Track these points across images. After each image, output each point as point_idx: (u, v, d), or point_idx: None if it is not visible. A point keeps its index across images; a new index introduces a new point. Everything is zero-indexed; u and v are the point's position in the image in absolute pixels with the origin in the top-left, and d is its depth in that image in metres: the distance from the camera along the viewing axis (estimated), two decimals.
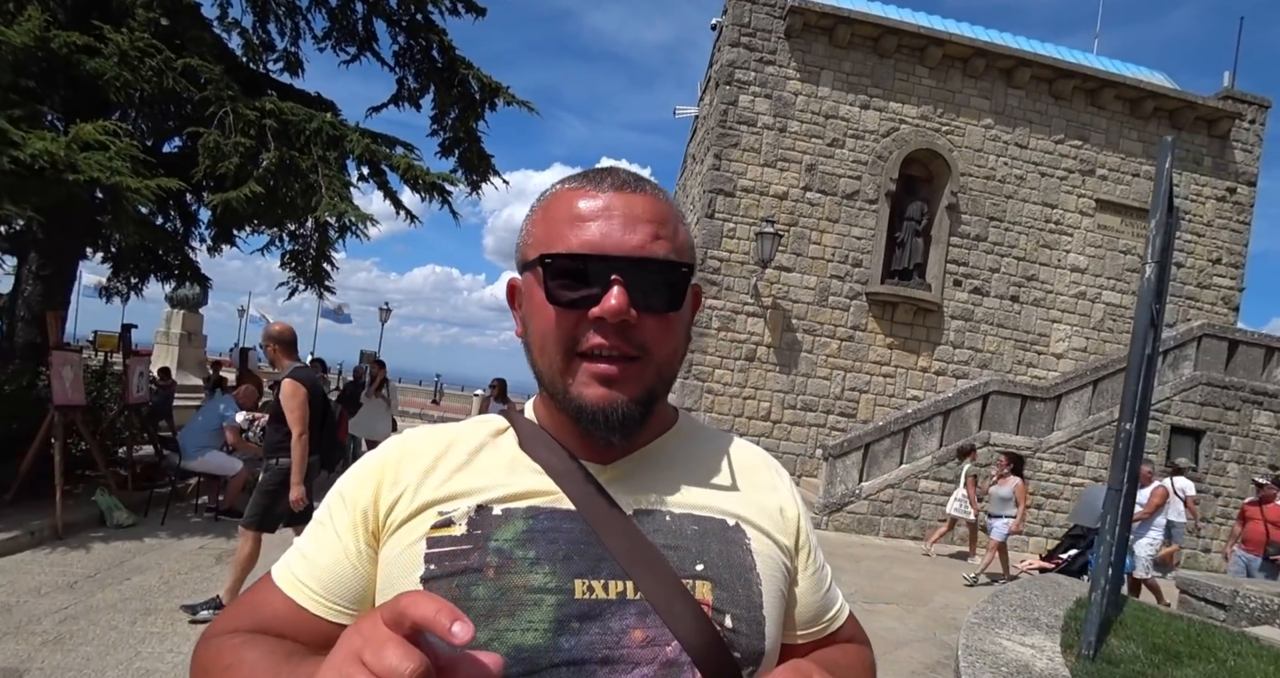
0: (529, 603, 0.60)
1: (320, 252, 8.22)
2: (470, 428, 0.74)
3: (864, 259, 11.47)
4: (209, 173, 6.25)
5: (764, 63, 11.27)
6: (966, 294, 11.81)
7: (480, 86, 7.74)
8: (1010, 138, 11.92)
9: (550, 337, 0.64)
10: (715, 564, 0.66)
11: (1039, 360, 12.05)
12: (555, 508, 0.66)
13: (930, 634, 5.56)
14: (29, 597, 4.26)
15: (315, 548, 0.68)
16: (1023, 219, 11.98)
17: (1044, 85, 11.99)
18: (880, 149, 11.55)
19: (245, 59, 7.32)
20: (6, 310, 7.03)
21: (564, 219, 0.65)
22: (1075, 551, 7.08)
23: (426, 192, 7.29)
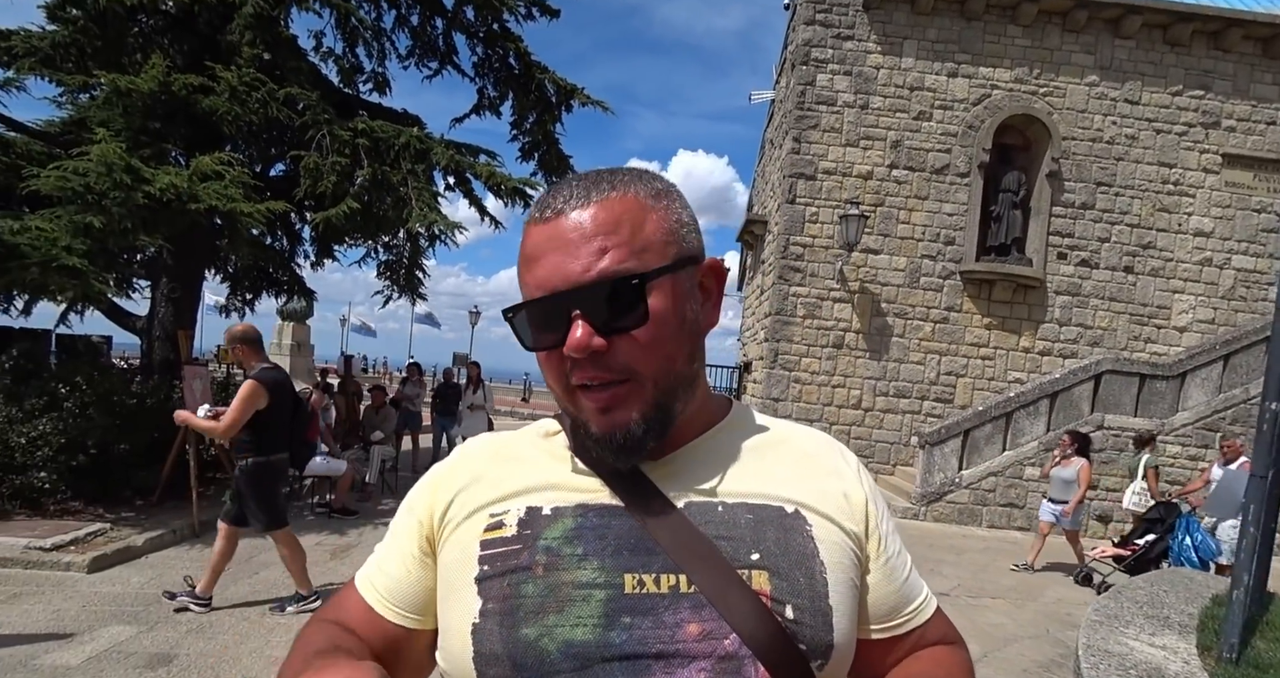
0: (577, 598, 0.60)
1: (413, 260, 8.64)
2: (524, 433, 0.77)
3: (957, 236, 10.92)
4: (309, 193, 6.68)
5: (842, 38, 10.87)
6: (1073, 267, 11.04)
7: (556, 89, 7.90)
8: (1119, 94, 11.00)
9: (548, 376, 0.66)
10: (772, 553, 0.63)
11: (1159, 335, 11.13)
12: (604, 504, 0.66)
13: (1042, 631, 5.29)
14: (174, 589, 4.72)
15: (385, 554, 0.73)
16: (1136, 182, 11.06)
17: (1157, 33, 10.97)
18: (971, 118, 10.93)
19: (338, 83, 7.75)
20: (144, 331, 7.76)
21: (524, 260, 0.65)
22: (1153, 536, 6.45)
23: (509, 196, 7.52)
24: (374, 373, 22.24)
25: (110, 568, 5.06)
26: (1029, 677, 4.30)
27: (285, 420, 4.40)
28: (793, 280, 10.82)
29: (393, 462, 8.43)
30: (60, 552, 5.04)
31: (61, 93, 6.91)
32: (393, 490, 8.15)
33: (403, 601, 0.70)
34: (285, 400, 4.38)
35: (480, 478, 0.70)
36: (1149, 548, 6.42)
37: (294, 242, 9.26)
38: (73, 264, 4.96)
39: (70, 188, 5.04)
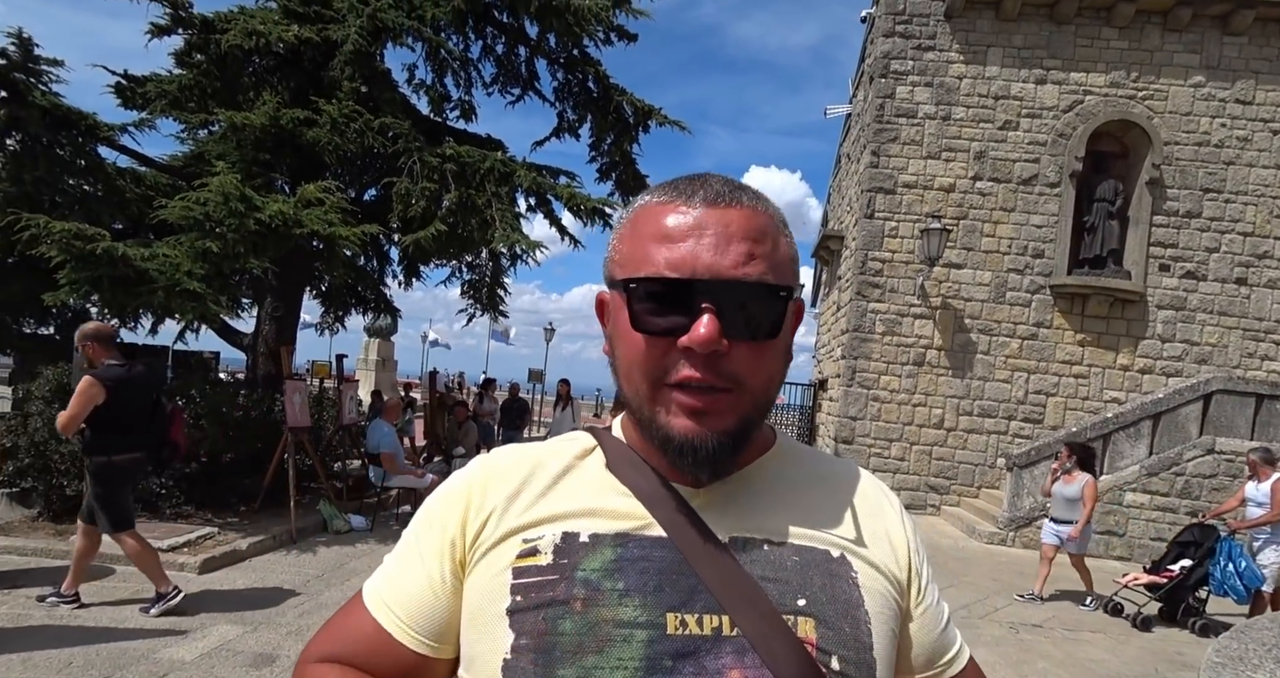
0: (618, 639, 0.56)
1: (495, 279, 8.93)
2: (557, 448, 0.71)
3: (1046, 249, 10.44)
4: (400, 216, 7.03)
5: (922, 49, 10.65)
6: (1177, 280, 10.36)
7: (634, 111, 8.06)
8: (1228, 94, 10.31)
9: (637, 365, 0.60)
10: (818, 599, 0.60)
11: (1277, 352, 10.29)
12: (645, 535, 0.61)
13: (1150, 670, 4.95)
14: (274, 592, 5.02)
15: (401, 570, 0.66)
16: (1249, 187, 10.31)
17: (1272, 27, 10.22)
18: (1061, 126, 10.47)
19: (428, 112, 8.16)
20: (250, 347, 8.31)
21: (651, 237, 0.60)
22: (1188, 561, 5.84)
23: (588, 216, 7.69)
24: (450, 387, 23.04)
25: (218, 569, 5.42)
26: None
27: (138, 420, 4.22)
28: (871, 296, 10.59)
29: None
30: (175, 553, 5.42)
31: (184, 129, 7.56)
32: None
33: (425, 626, 0.64)
34: (135, 399, 4.18)
35: (513, 497, 0.65)
36: (1186, 575, 5.85)
37: (383, 262, 9.73)
38: (193, 287, 5.39)
39: (192, 216, 5.50)
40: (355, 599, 0.68)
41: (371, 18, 6.57)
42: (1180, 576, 5.91)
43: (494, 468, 0.69)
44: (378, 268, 9.77)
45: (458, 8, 6.92)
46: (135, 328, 7.57)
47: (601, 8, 7.16)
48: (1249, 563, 5.68)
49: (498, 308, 9.35)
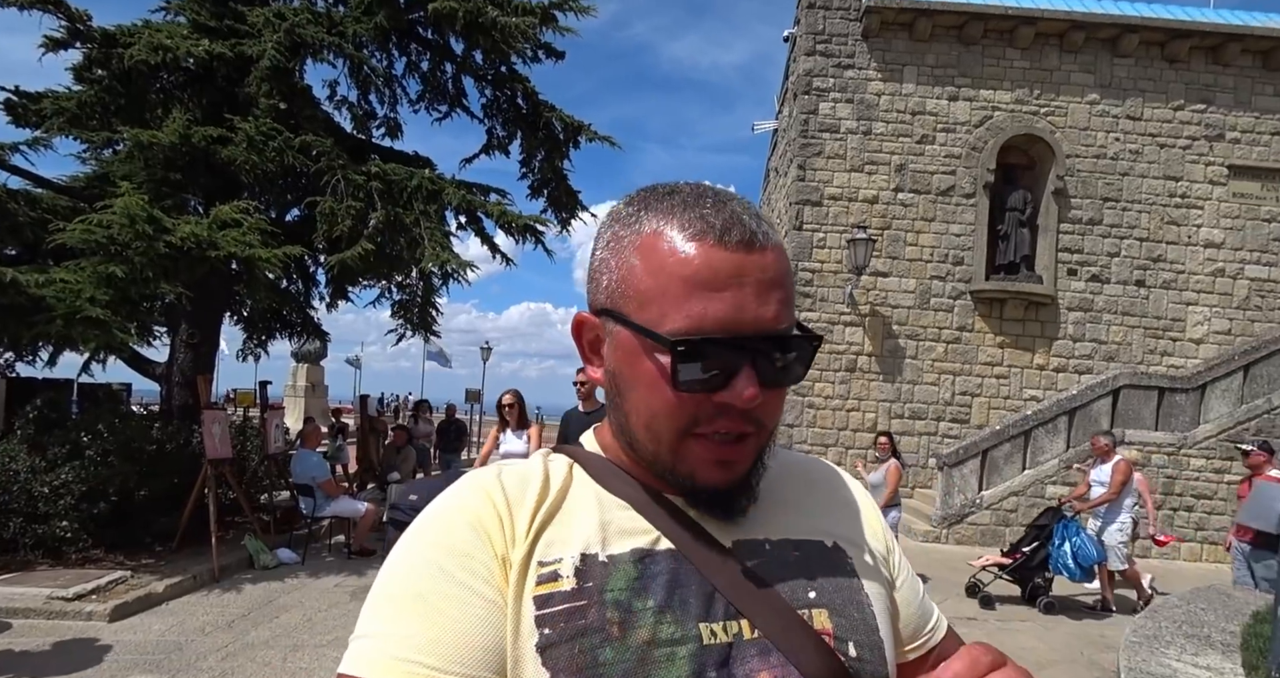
0: (662, 659, 0.54)
1: (426, 299, 8.74)
2: (540, 466, 0.65)
3: (965, 256, 10.95)
4: (325, 236, 6.81)
5: (842, 67, 11.07)
6: (1083, 283, 11.02)
7: (564, 127, 8.06)
8: (1120, 111, 11.10)
9: (664, 416, 0.57)
10: (826, 590, 0.62)
11: (1175, 348, 11.04)
12: (659, 549, 0.60)
13: (1076, 654, 5.18)
14: (195, 636, 4.72)
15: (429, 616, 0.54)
16: (1142, 196, 11.09)
17: (1155, 50, 11.11)
18: (974, 140, 11.04)
19: (351, 129, 7.95)
20: (164, 377, 7.86)
21: (685, 278, 0.55)
22: (1036, 543, 6.27)
23: (520, 234, 7.63)
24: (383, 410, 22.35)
25: (132, 616, 5.06)
26: None
27: None
28: (803, 306, 10.85)
29: None
30: (82, 601, 5.05)
31: (86, 149, 7.14)
32: None
33: (479, 663, 0.53)
34: None
35: (518, 520, 0.59)
36: (1030, 556, 6.25)
37: (309, 284, 9.40)
38: (96, 315, 5.06)
39: (94, 240, 5.17)
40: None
41: (289, 33, 6.38)
42: (1025, 557, 6.28)
43: (500, 486, 0.61)
44: (303, 290, 9.43)
45: (380, 24, 6.79)
46: (32, 360, 7.06)
47: (528, 25, 7.15)
48: (1082, 542, 6.02)
49: (430, 328, 9.14)
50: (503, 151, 8.46)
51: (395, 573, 0.57)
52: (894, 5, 10.78)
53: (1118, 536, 6.34)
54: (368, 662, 0.52)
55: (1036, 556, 6.21)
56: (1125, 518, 6.36)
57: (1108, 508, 6.43)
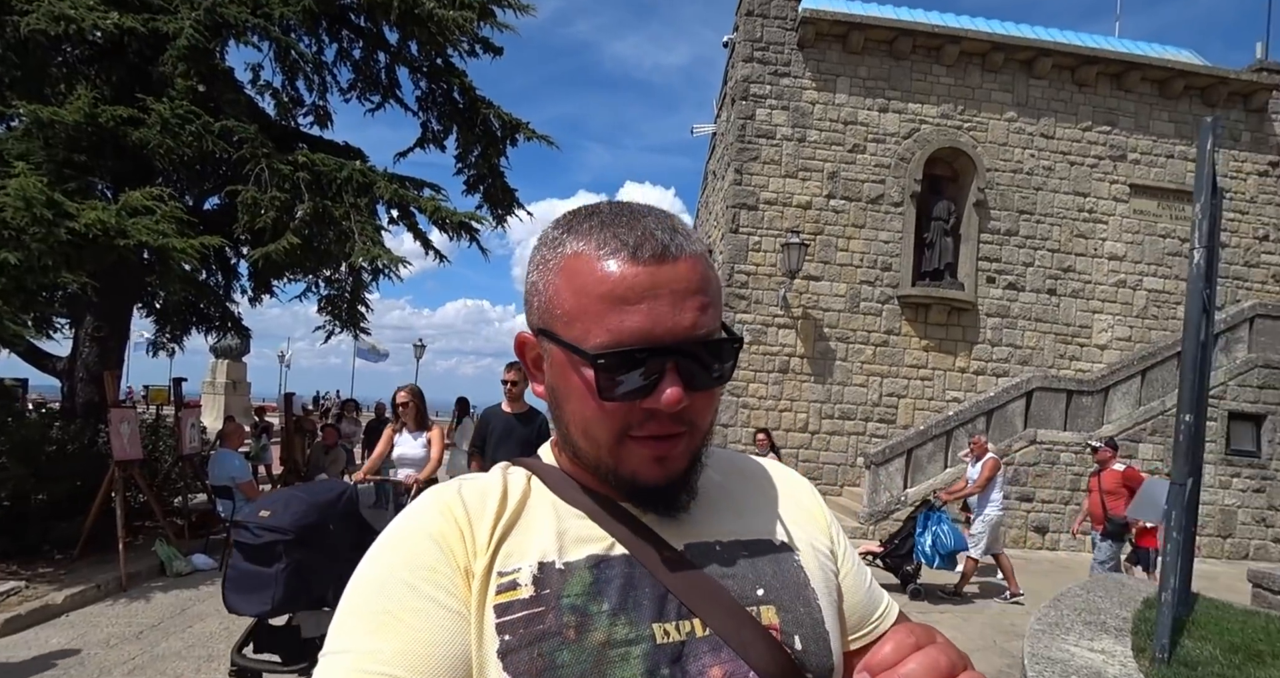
0: (617, 659, 0.57)
1: (355, 295, 8.46)
2: (499, 480, 0.68)
3: (893, 263, 11.37)
4: (248, 227, 6.51)
5: (779, 75, 11.32)
6: (1001, 291, 11.60)
7: (501, 124, 7.94)
8: (1035, 129, 11.75)
9: (598, 424, 0.61)
10: (773, 587, 0.65)
11: (1082, 353, 11.75)
12: (613, 555, 0.63)
13: (990, 642, 5.44)
14: (99, 649, 4.44)
15: (394, 628, 0.56)
16: (1054, 210, 11.77)
17: (1066, 74, 11.82)
18: (902, 151, 11.48)
19: (277, 116, 7.62)
20: (65, 373, 7.35)
21: (601, 298, 0.58)
22: (905, 533, 6.71)
23: (454, 231, 7.48)
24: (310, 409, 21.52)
25: (26, 629, 4.71)
26: None
27: None
28: (738, 307, 11.03)
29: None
30: None
31: None
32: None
33: (447, 672, 0.55)
34: None
35: (478, 532, 0.61)
36: (900, 545, 6.69)
37: (230, 277, 8.97)
38: None
39: None
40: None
41: (210, 11, 6.05)
42: (895, 546, 6.71)
43: (461, 500, 0.63)
44: (223, 283, 8.98)
45: (308, 8, 6.52)
46: None
47: (466, 19, 7.01)
48: (942, 532, 6.42)
49: (359, 325, 8.85)
50: (438, 146, 8.27)
51: (362, 590, 0.59)
52: (828, 17, 11.11)
53: (979, 526, 6.79)
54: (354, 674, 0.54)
55: (905, 545, 6.61)
56: (990, 512, 6.77)
57: (978, 501, 6.86)
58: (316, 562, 2.78)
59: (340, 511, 2.97)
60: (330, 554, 2.84)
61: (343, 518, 2.98)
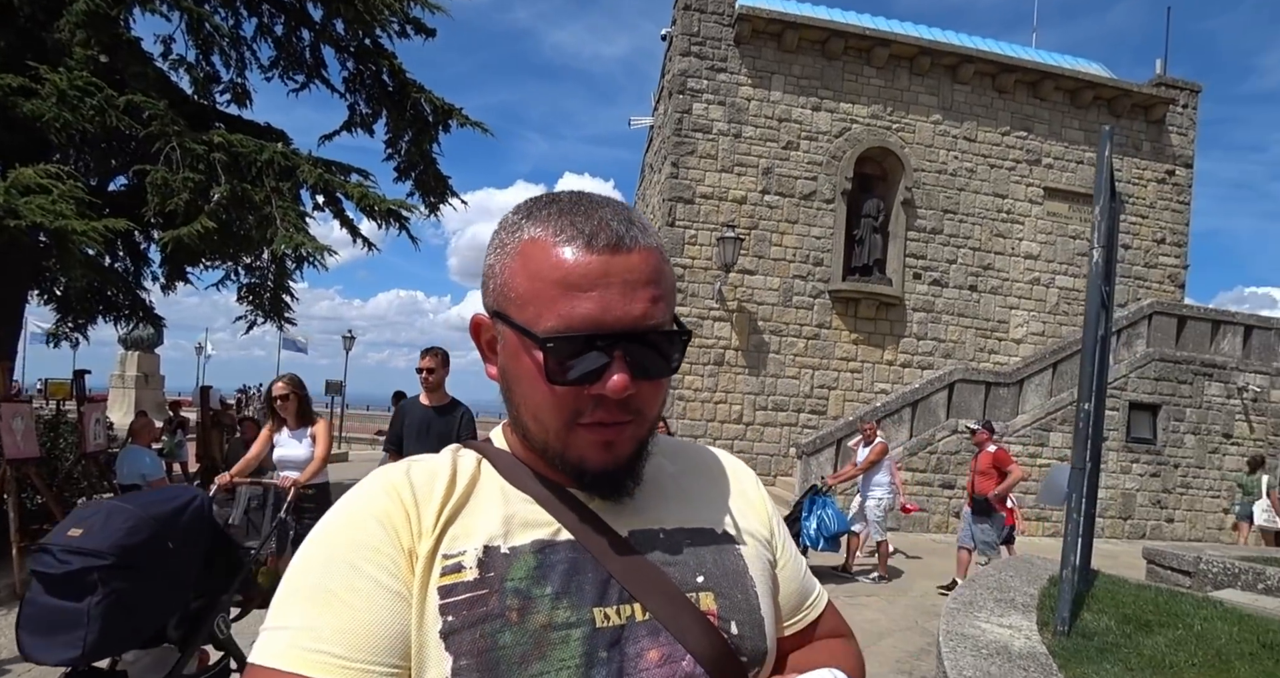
0: (557, 641, 0.59)
1: (278, 284, 8.11)
2: (449, 462, 0.68)
3: (825, 258, 11.66)
4: (158, 210, 6.14)
5: (715, 70, 11.43)
6: (926, 286, 12.06)
7: (433, 109, 7.74)
8: (959, 132, 12.24)
9: (548, 409, 0.62)
10: (713, 574, 0.67)
11: (1000, 347, 12.35)
12: (558, 540, 0.64)
13: (913, 623, 5.66)
14: None
15: (336, 607, 0.57)
16: (976, 210, 12.30)
17: (988, 80, 12.35)
18: (834, 149, 11.77)
19: (191, 93, 7.21)
20: None
21: (555, 283, 0.59)
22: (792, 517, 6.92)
23: (383, 218, 7.26)
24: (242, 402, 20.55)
25: None
26: (903, 666, 4.57)
27: None
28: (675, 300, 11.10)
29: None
30: None
31: None
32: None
33: (386, 650, 0.56)
34: None
35: (424, 514, 0.62)
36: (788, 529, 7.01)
37: (139, 263, 8.45)
38: None
39: None
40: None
41: None
42: None
43: (408, 481, 0.64)
44: (132, 269, 8.45)
45: None
46: None
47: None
48: (827, 516, 6.62)
49: (283, 315, 8.48)
50: (367, 130, 7.99)
51: (305, 567, 0.60)
52: (764, 15, 11.27)
53: (875, 511, 7.06)
54: (276, 654, 0.55)
55: (792, 529, 6.84)
56: (880, 494, 7.05)
57: (863, 485, 7.14)
58: (149, 591, 2.20)
59: (185, 525, 2.35)
60: (171, 580, 2.29)
61: (189, 533, 2.37)
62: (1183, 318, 11.48)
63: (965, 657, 3.09)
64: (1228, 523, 11.13)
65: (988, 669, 2.95)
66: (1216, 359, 11.27)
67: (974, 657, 3.10)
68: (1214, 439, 11.15)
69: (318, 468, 4.37)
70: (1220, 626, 3.89)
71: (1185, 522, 11.05)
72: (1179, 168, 13.17)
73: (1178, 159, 13.17)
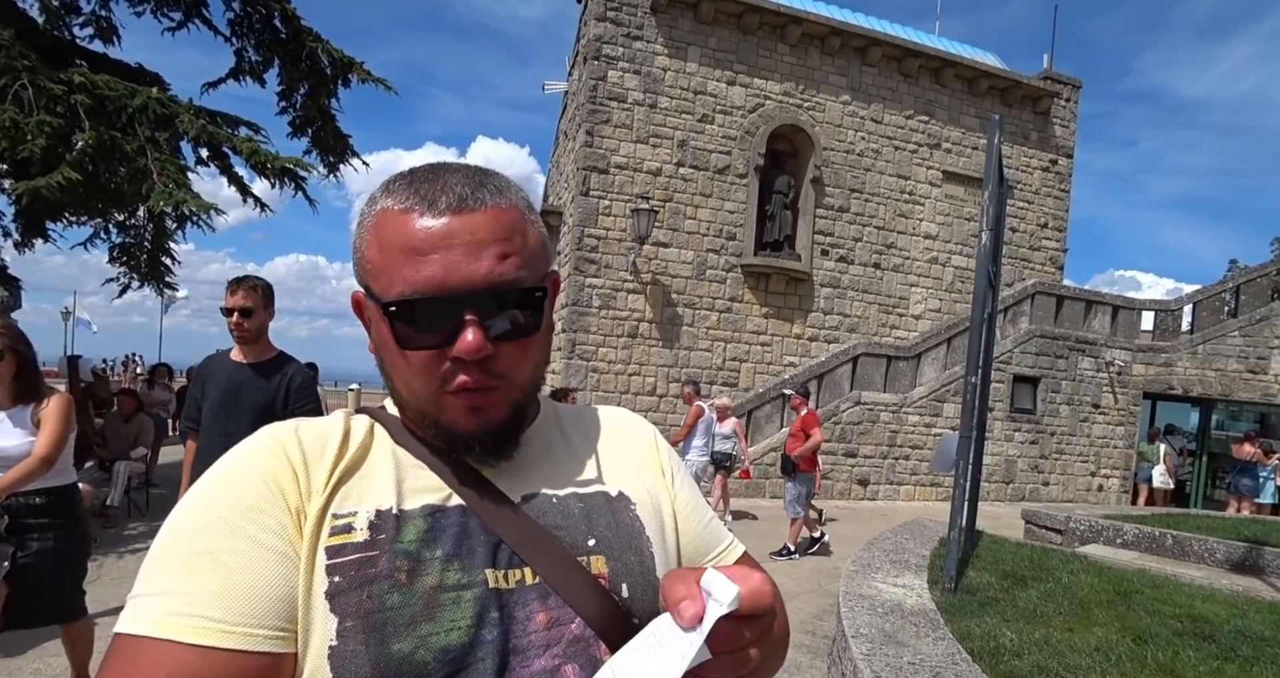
0: (448, 603, 0.58)
1: (157, 244, 7.46)
2: (341, 424, 0.67)
3: (737, 232, 11.81)
4: (7, 156, 5.46)
5: (632, 38, 11.23)
6: (833, 263, 12.46)
7: (331, 61, 7.23)
8: (866, 113, 12.60)
9: (413, 376, 0.62)
10: (605, 537, 0.67)
11: (901, 322, 12.96)
12: (448, 505, 0.64)
13: (816, 585, 5.90)
14: None
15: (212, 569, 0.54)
16: (881, 190, 12.76)
17: (894, 64, 12.74)
18: (748, 124, 11.87)
19: (46, 24, 6.41)
20: None
21: (399, 250, 0.59)
22: None
23: (276, 177, 6.76)
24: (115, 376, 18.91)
25: None
26: (806, 626, 4.76)
27: None
28: (588, 272, 10.99)
29: (141, 479, 7.18)
30: None
31: None
32: (142, 512, 6.97)
33: (270, 614, 0.54)
34: None
35: (314, 474, 0.61)
36: None
37: None
38: None
39: None
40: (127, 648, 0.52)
41: None
42: None
43: (297, 441, 0.63)
44: None
45: None
46: None
47: None
48: None
49: (163, 278, 7.82)
50: (257, 80, 7.37)
51: (180, 530, 0.56)
52: None
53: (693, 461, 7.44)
54: (147, 621, 0.52)
55: None
56: (692, 457, 7.42)
57: (683, 449, 7.46)
58: None
59: None
60: None
61: None
62: (1061, 297, 12.39)
63: (862, 615, 3.24)
64: (1094, 485, 12.27)
65: (882, 626, 3.11)
66: (1088, 336, 12.27)
67: (870, 615, 3.26)
68: (1084, 409, 12.18)
69: (41, 465, 2.67)
70: (1084, 578, 4.26)
71: (1059, 485, 12.07)
72: (1061, 158, 14.10)
73: (1060, 149, 14.09)
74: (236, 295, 2.87)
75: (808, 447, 6.74)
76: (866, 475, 10.90)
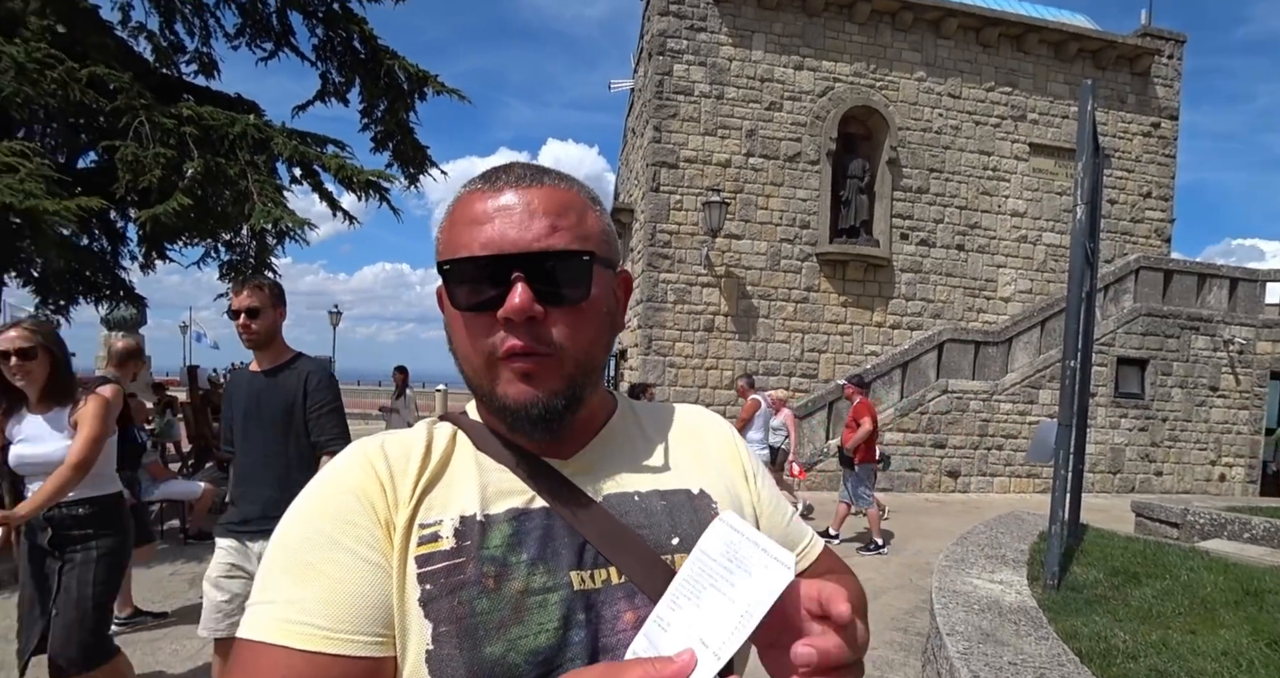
0: (535, 606, 0.60)
1: (260, 260, 7.96)
2: (423, 435, 0.70)
3: (811, 220, 11.58)
4: (130, 187, 5.97)
5: (695, 30, 11.16)
6: (914, 247, 12.03)
7: (407, 76, 7.52)
8: (943, 89, 12.08)
9: (468, 345, 0.65)
10: (689, 535, 0.67)
11: (988, 306, 12.39)
12: (533, 508, 0.66)
13: (907, 580, 5.76)
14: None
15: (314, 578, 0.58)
16: (961, 168, 12.21)
17: (971, 34, 12.15)
18: (818, 109, 11.59)
19: (156, 64, 6.96)
20: None
21: (463, 222, 0.65)
22: None
23: (362, 190, 7.10)
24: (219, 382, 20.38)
25: None
26: (898, 623, 4.66)
27: None
28: (661, 267, 11.03)
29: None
30: None
31: None
32: None
33: (369, 620, 0.58)
34: None
35: (401, 486, 0.64)
36: None
37: (117, 242, 8.25)
38: None
39: None
40: (246, 653, 0.57)
41: None
42: None
43: (383, 455, 0.66)
44: (110, 248, 8.27)
45: None
46: None
47: None
48: None
49: None
50: (340, 99, 7.77)
51: (285, 544, 0.61)
52: None
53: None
54: (262, 628, 0.57)
55: None
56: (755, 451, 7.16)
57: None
58: None
59: None
60: None
61: None
62: (1169, 272, 11.54)
63: (957, 612, 3.15)
64: (1215, 475, 11.39)
65: (979, 624, 3.01)
66: (1203, 313, 11.38)
67: (966, 612, 3.16)
68: (1201, 392, 11.32)
69: (69, 476, 2.48)
70: (1206, 575, 3.98)
71: (1174, 475, 11.28)
72: (1164, 120, 13.10)
73: (1163, 111, 13.08)
74: (242, 295, 2.64)
75: (859, 436, 6.67)
76: (957, 467, 10.50)
